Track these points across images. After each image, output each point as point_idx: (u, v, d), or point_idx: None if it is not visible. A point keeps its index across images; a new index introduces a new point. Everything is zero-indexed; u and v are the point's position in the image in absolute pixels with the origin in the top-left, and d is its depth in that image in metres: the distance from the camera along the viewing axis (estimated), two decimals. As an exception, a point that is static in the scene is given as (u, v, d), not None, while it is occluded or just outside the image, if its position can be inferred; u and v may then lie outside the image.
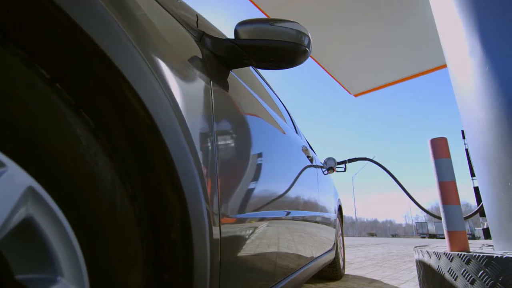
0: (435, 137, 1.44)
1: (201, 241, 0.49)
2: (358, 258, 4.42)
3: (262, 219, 0.73)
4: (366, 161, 3.19)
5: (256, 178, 0.73)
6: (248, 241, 0.67)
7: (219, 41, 0.78)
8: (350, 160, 3.09)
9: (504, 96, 1.34)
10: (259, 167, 0.75)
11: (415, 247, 1.42)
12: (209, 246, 0.51)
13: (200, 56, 0.65)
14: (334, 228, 2.28)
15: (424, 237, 38.64)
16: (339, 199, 2.73)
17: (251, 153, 0.72)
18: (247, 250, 0.67)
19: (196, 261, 0.47)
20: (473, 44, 1.53)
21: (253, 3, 3.43)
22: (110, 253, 0.35)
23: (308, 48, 0.88)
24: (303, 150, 1.46)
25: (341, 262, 2.66)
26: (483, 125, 1.43)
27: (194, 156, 0.49)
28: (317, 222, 1.55)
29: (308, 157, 1.57)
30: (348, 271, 3.07)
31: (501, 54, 1.40)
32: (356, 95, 5.77)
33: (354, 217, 68.71)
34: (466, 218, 2.17)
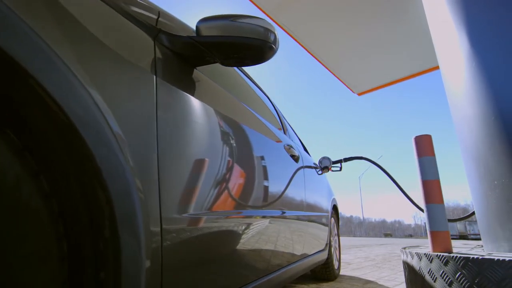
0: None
1: (132, 240, 0.47)
2: (358, 258, 4.36)
3: (217, 219, 0.71)
4: (373, 161, 3.14)
5: (210, 175, 0.71)
6: (201, 242, 0.66)
7: (177, 38, 0.77)
8: (346, 159, 3.05)
9: (491, 91, 1.30)
10: (213, 164, 0.74)
11: (402, 248, 1.39)
12: (145, 246, 0.50)
13: (149, 54, 0.64)
14: (327, 228, 2.24)
15: (433, 238, 37.77)
16: (333, 199, 2.70)
17: (204, 150, 0.71)
18: (199, 251, 0.65)
19: (125, 261, 0.46)
20: (462, 39, 1.49)
21: (253, 2, 3.40)
22: (11, 251, 0.35)
23: (274, 45, 0.86)
24: (285, 148, 1.44)
25: (336, 263, 2.62)
26: (471, 122, 1.38)
27: (126, 153, 0.48)
28: (302, 222, 1.53)
29: (293, 156, 1.55)
30: (345, 271, 3.02)
31: (489, 50, 1.35)
32: (359, 94, 5.69)
33: (361, 218, 67.97)
34: (452, 220, 2.11)
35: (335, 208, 2.78)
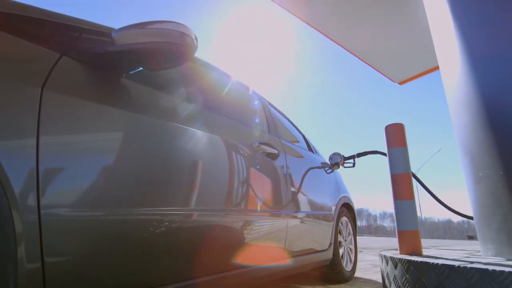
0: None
1: None
2: (392, 261, 4.02)
3: (110, 216, 0.75)
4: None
5: (106, 173, 0.75)
6: (95, 240, 0.71)
7: (91, 51, 0.84)
8: (359, 155, 2.85)
9: (477, 81, 1.11)
10: (113, 163, 0.77)
11: (380, 251, 1.27)
12: (12, 246, 0.56)
13: (44, 68, 0.71)
14: (329, 227, 2.13)
15: None
16: (344, 197, 2.55)
17: (97, 150, 0.75)
18: (90, 250, 0.69)
19: None
20: (458, 39, 1.30)
21: (280, 5, 3.39)
22: None
23: (188, 44, 0.87)
24: (254, 147, 1.42)
25: (350, 264, 2.48)
26: (462, 107, 1.20)
27: None
28: (276, 221, 1.49)
29: (269, 153, 1.53)
30: (366, 274, 2.83)
31: (481, 49, 1.16)
32: (401, 83, 5.27)
33: (421, 217, 62.06)
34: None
35: (347, 206, 2.62)
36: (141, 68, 0.95)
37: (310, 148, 2.49)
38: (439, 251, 1.14)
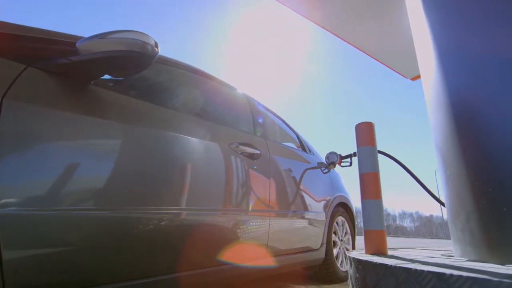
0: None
1: None
2: (398, 262, 3.92)
3: (73, 214, 0.81)
4: (387, 153, 2.84)
5: (67, 175, 0.81)
6: (53, 238, 0.76)
7: (55, 61, 0.90)
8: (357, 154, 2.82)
9: (446, 78, 1.09)
10: (72, 164, 0.83)
11: (349, 251, 1.26)
12: None
13: (7, 78, 0.77)
14: (321, 227, 2.12)
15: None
16: (340, 196, 2.52)
17: (56, 152, 0.81)
18: (49, 247, 0.75)
19: None
20: (435, 47, 1.29)
21: (290, 8, 3.40)
22: None
23: (146, 52, 0.92)
24: (234, 149, 1.45)
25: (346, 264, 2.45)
26: (434, 107, 1.18)
27: None
28: (254, 221, 1.51)
29: (250, 154, 1.55)
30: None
31: (454, 57, 1.14)
32: (413, 79, 5.17)
33: (442, 217, 59.62)
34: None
35: (344, 206, 2.60)
36: (106, 75, 1.00)
37: (304, 147, 2.49)
38: (409, 252, 1.12)
